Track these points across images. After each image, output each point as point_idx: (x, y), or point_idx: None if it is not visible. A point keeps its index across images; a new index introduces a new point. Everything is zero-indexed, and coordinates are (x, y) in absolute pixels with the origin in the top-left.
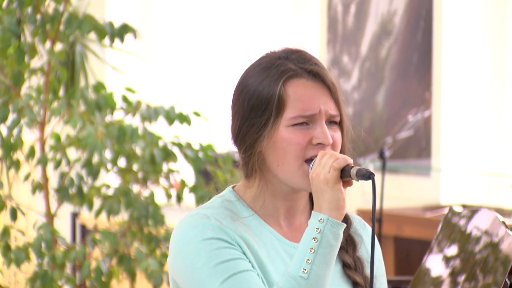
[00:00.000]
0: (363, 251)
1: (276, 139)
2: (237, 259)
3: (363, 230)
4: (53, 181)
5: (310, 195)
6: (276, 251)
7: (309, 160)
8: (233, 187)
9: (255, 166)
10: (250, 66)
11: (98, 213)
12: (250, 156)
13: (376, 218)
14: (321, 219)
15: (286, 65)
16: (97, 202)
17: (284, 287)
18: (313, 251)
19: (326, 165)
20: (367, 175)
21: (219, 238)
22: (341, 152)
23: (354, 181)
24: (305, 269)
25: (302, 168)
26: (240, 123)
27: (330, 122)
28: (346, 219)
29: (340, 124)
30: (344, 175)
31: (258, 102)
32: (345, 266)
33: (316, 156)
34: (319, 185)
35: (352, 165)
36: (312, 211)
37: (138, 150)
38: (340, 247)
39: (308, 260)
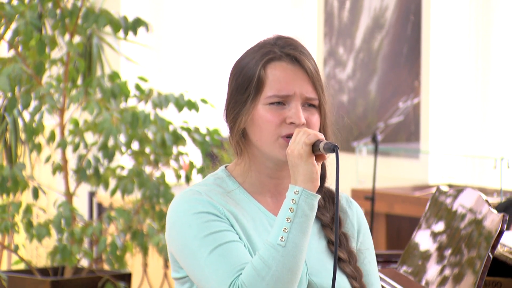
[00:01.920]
0: (349, 225)
1: (254, 116)
2: (224, 230)
3: (348, 204)
4: (72, 163)
5: None
6: (263, 225)
7: (285, 137)
8: (225, 166)
9: (239, 142)
10: (246, 50)
11: (113, 192)
12: (234, 131)
13: (368, 197)
14: (296, 191)
15: (270, 48)
16: (112, 182)
17: (264, 255)
18: (289, 221)
19: (300, 141)
20: (332, 148)
21: (208, 212)
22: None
23: (331, 157)
24: (283, 238)
25: (278, 142)
26: (228, 100)
27: (309, 105)
28: (333, 197)
29: (320, 108)
30: (315, 150)
31: (242, 81)
32: (329, 242)
33: (291, 134)
34: (293, 160)
35: (323, 140)
36: (290, 184)
37: (150, 135)
38: (325, 225)
39: (285, 229)
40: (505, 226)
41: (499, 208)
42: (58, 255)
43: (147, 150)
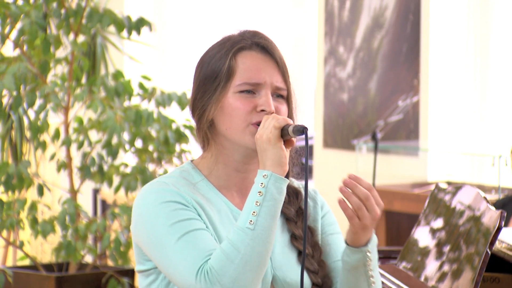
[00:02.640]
0: (314, 215)
1: (223, 105)
2: (192, 219)
3: (313, 198)
4: (76, 161)
5: None
6: (228, 219)
7: (255, 124)
8: (191, 160)
9: (207, 133)
10: (212, 44)
11: (117, 189)
12: (201, 122)
13: None
14: (265, 175)
15: (239, 38)
16: (116, 180)
17: (233, 239)
18: (258, 204)
19: (269, 126)
20: (301, 130)
21: (175, 201)
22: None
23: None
24: (252, 221)
25: (248, 129)
26: (195, 92)
27: (277, 95)
28: (297, 193)
29: (287, 100)
30: (284, 134)
31: (210, 71)
32: (292, 236)
33: (260, 122)
34: (262, 145)
35: (290, 124)
36: (258, 170)
37: (153, 132)
38: (290, 219)
39: (254, 212)
40: (503, 223)
41: (497, 205)
42: (63, 251)
43: (150, 147)
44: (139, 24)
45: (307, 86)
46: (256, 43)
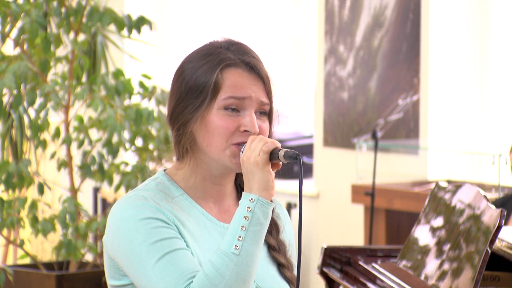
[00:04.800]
0: (283, 233)
1: (207, 121)
2: (173, 238)
3: (281, 210)
4: (77, 159)
5: (235, 180)
6: (208, 231)
7: (236, 144)
8: (164, 170)
9: (186, 146)
10: (192, 52)
11: (117, 188)
12: (182, 135)
13: (368, 192)
14: (251, 199)
15: (225, 54)
16: (116, 178)
17: (217, 263)
18: (244, 229)
19: (256, 148)
20: (294, 156)
21: (156, 218)
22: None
23: (303, 164)
24: (237, 246)
25: (229, 149)
26: (176, 103)
27: (260, 113)
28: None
29: (269, 115)
30: (273, 158)
31: (195, 85)
32: (270, 248)
33: (243, 142)
34: (249, 168)
35: (280, 148)
36: (243, 192)
37: (153, 131)
38: (267, 231)
39: (240, 237)
40: (503, 221)
41: (497, 203)
42: (63, 250)
43: (151, 146)
44: (139, 23)
45: (307, 85)
46: (242, 60)
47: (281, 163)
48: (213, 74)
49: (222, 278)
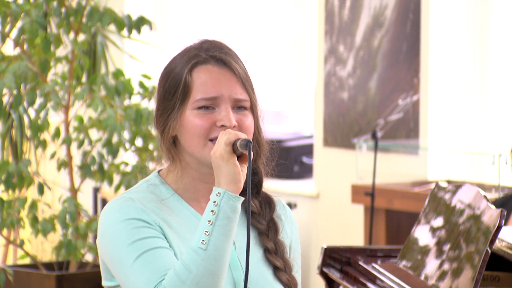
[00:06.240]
0: (283, 234)
1: (183, 122)
2: (153, 237)
3: (283, 211)
4: (77, 159)
5: None
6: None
7: (213, 140)
8: (158, 172)
9: (170, 148)
10: (173, 56)
11: (117, 188)
12: (166, 138)
13: (368, 192)
14: (218, 193)
15: (195, 53)
16: (116, 178)
17: (186, 259)
18: (211, 223)
19: (221, 142)
20: (245, 144)
21: (139, 219)
22: (254, 135)
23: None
24: (204, 241)
25: (207, 146)
26: (157, 107)
27: (239, 107)
28: (269, 202)
29: (252, 110)
30: (235, 149)
31: (169, 87)
32: (266, 251)
33: None
34: (216, 161)
35: (241, 138)
36: (214, 187)
37: (153, 131)
38: (261, 232)
39: (207, 232)
40: (503, 221)
41: (497, 203)
42: (63, 250)
43: (151, 146)
44: (139, 23)
45: (307, 85)
46: (211, 56)
47: (248, 155)
48: (183, 74)
49: (189, 273)
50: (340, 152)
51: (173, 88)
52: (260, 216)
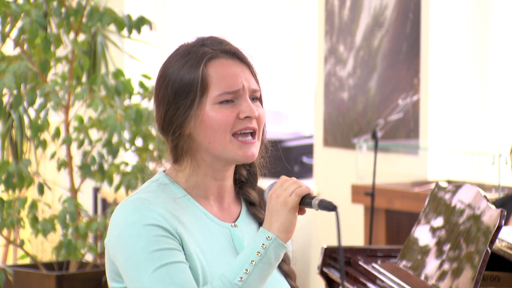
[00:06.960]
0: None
1: (203, 119)
2: (173, 249)
3: None
4: (77, 159)
5: (234, 174)
6: (208, 230)
7: (236, 134)
8: (164, 171)
9: (184, 148)
10: (168, 58)
11: (117, 188)
12: (179, 138)
13: (368, 192)
14: (268, 236)
15: (203, 49)
16: (116, 178)
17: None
18: (253, 264)
19: (289, 188)
20: (330, 207)
21: (160, 226)
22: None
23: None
24: (242, 278)
25: (232, 142)
26: (166, 109)
27: (253, 99)
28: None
29: (260, 100)
30: (303, 203)
31: (181, 86)
32: (281, 260)
33: (244, 128)
34: (276, 206)
35: (313, 195)
36: (261, 227)
37: (153, 131)
38: (262, 223)
39: (247, 270)
40: (503, 221)
41: (497, 203)
42: (63, 250)
43: (151, 146)
44: (139, 23)
45: (307, 85)
46: (223, 50)
47: (306, 209)
48: (198, 71)
49: None
50: (340, 152)
51: (187, 85)
52: (260, 207)
